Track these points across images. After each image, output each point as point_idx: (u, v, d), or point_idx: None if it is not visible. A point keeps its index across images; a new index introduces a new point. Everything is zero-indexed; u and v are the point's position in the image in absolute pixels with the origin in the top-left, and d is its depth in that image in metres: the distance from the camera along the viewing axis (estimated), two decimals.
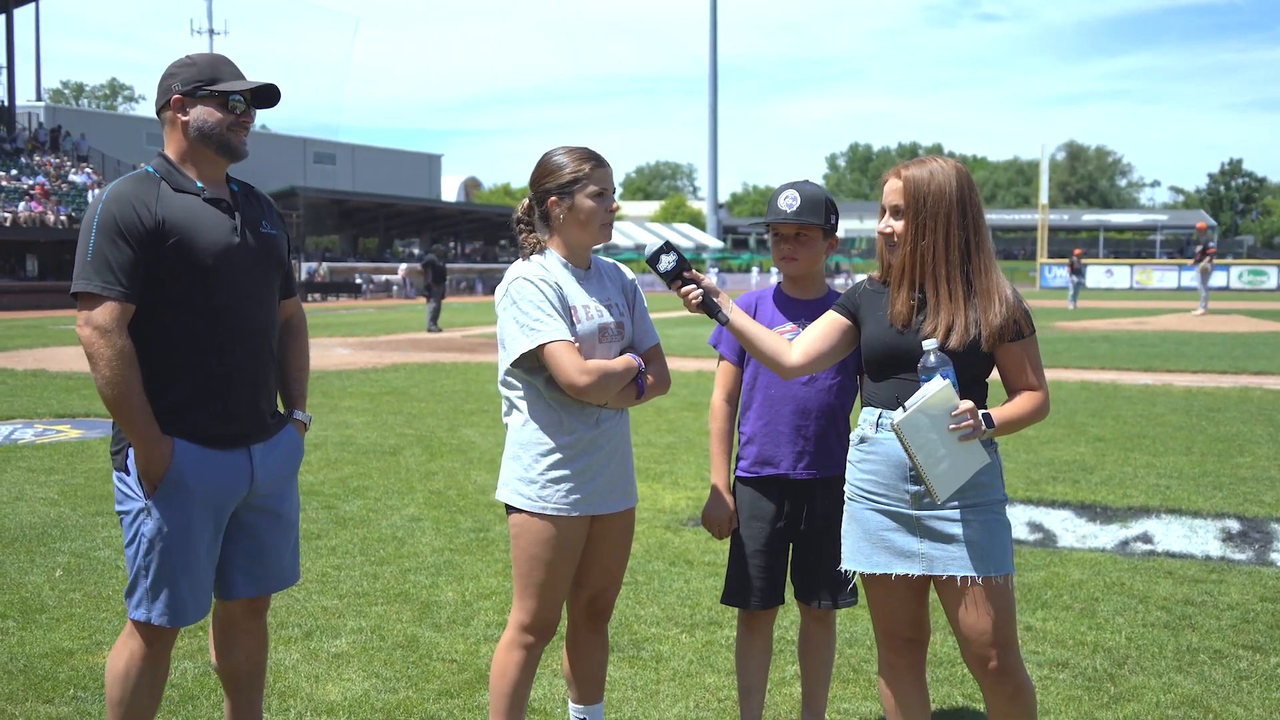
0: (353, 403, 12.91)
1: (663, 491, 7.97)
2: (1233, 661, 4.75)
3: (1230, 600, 5.55)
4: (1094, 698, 4.37)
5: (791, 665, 4.52)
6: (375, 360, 18.74)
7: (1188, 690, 4.44)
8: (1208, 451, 9.66)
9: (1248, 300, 49.78)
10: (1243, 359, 18.59)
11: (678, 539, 6.69)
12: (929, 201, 3.11)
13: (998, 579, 3.08)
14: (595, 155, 3.47)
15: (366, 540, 6.67)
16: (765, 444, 3.73)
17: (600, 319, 3.45)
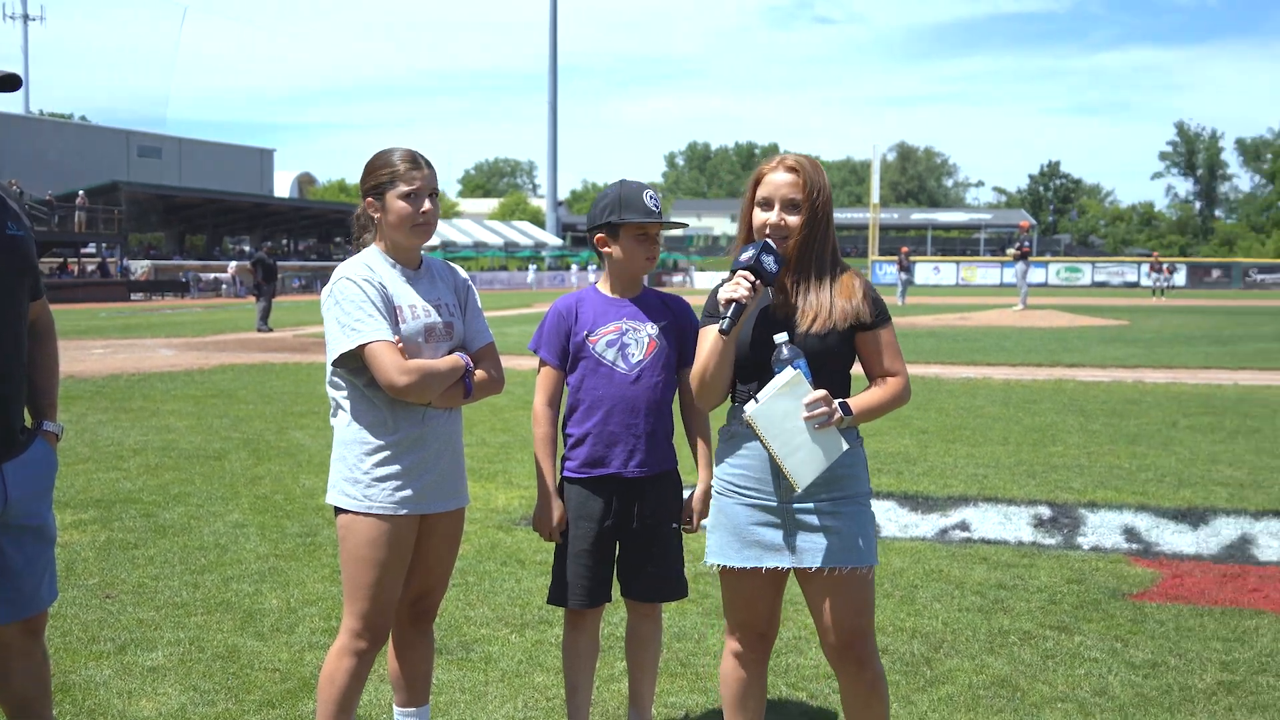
0: (176, 406, 12.48)
1: (496, 491, 7.93)
2: (1040, 641, 4.97)
3: (1039, 583, 5.81)
4: (911, 681, 4.52)
5: (620, 661, 4.55)
6: (201, 361, 18.15)
7: (998, 671, 4.62)
8: (1023, 441, 10.08)
9: (1064, 296, 52.15)
10: (1058, 352, 19.47)
11: (510, 539, 6.67)
12: (819, 194, 3.20)
13: (862, 570, 3.18)
14: (411, 156, 3.43)
15: (187, 548, 6.45)
16: (596, 444, 3.74)
17: (427, 319, 3.42)
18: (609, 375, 3.74)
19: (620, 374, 3.74)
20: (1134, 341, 22.66)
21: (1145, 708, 4.26)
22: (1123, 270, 70.38)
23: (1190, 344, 21.96)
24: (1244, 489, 8.06)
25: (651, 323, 3.79)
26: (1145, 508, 7.47)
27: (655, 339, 3.78)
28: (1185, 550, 6.47)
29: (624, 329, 3.76)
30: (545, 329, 3.82)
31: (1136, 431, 10.68)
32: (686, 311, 3.90)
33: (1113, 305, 41.56)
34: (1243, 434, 10.56)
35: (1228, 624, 5.20)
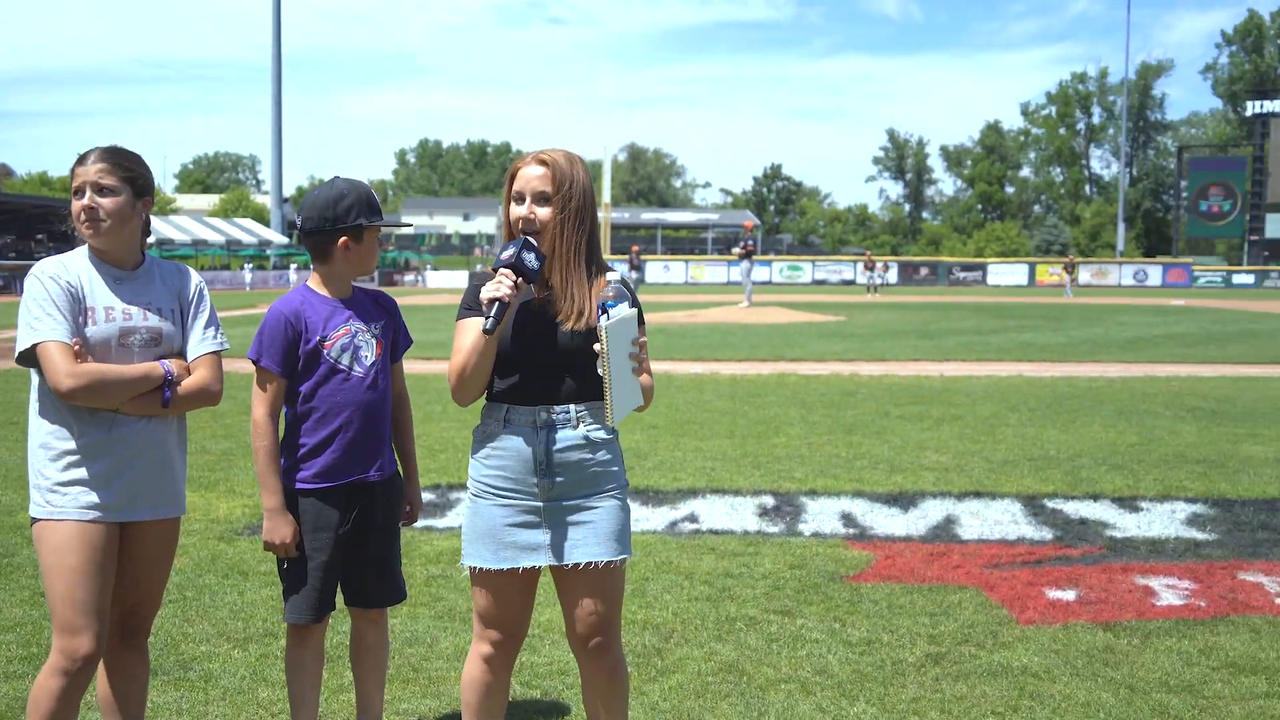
0: None
1: (217, 500, 7.58)
2: (765, 626, 5.16)
3: (764, 570, 6.03)
4: (643, 672, 4.60)
5: (348, 671, 4.43)
6: None
7: (726, 657, 4.77)
8: (749, 434, 10.45)
9: (786, 293, 54.40)
10: (781, 347, 20.29)
11: (232, 550, 6.38)
12: (570, 188, 3.19)
13: (616, 562, 3.21)
14: (83, 154, 3.29)
15: None
16: (336, 453, 3.62)
17: (125, 322, 3.25)
18: (345, 381, 3.63)
19: (356, 378, 3.64)
20: (850, 336, 23.88)
21: (862, 683, 4.49)
22: (840, 269, 74.01)
23: (901, 338, 23.33)
24: (948, 473, 8.62)
25: (374, 323, 3.73)
26: (861, 494, 7.88)
27: (380, 339, 3.72)
28: (896, 532, 6.85)
29: (353, 331, 3.67)
30: (265, 335, 3.65)
31: (853, 421, 11.25)
32: (395, 308, 3.88)
33: (831, 302, 43.65)
34: (947, 421, 11.29)
35: (934, 600, 5.54)
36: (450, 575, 5.91)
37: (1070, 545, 6.54)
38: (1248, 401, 12.97)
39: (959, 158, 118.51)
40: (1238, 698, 4.35)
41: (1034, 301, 46.01)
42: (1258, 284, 68.85)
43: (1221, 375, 16.04)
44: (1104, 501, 7.65)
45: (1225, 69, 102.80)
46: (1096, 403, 12.80)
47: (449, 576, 5.89)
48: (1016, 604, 5.46)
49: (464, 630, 5.08)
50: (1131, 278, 70.05)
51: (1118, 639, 4.98)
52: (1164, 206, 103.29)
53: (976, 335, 24.42)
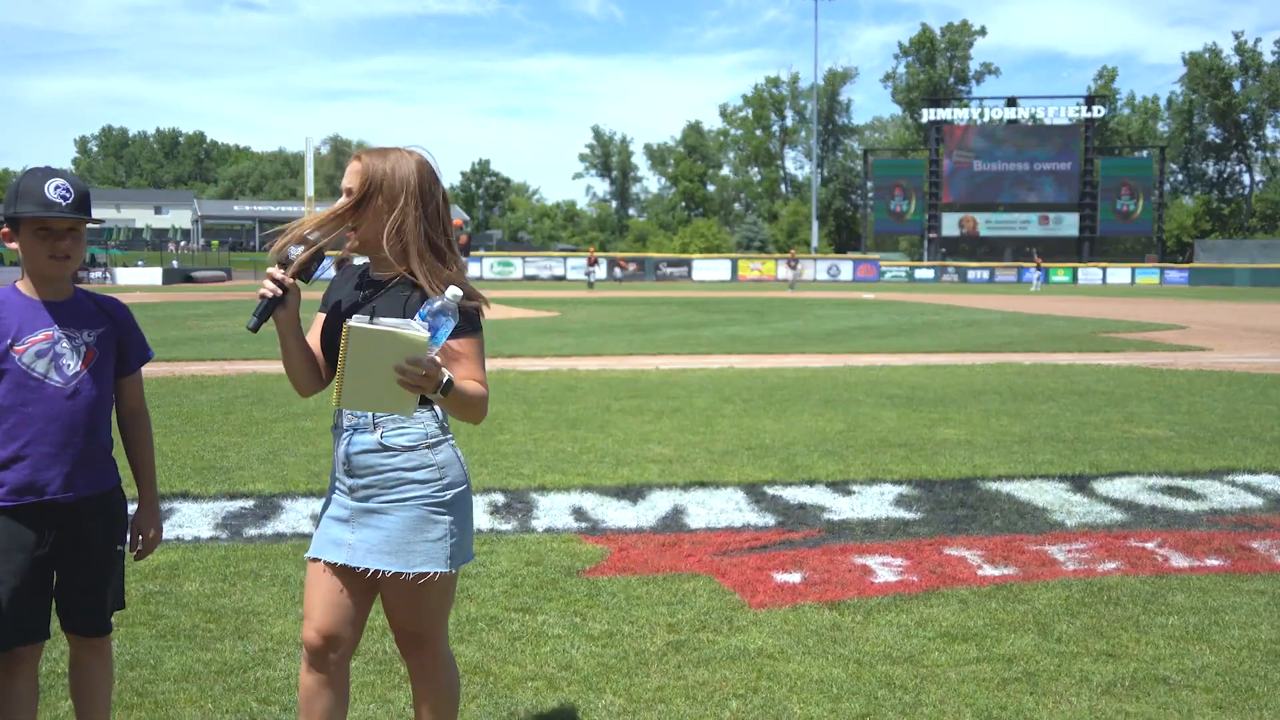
0: None
1: None
2: (507, 625, 5.14)
3: (501, 568, 6.00)
4: (387, 680, 4.49)
5: (64, 701, 4.10)
6: None
7: (470, 658, 4.71)
8: (473, 431, 10.36)
9: (498, 289, 54.37)
10: (497, 344, 20.23)
11: None
12: (372, 182, 3.12)
13: (405, 575, 3.13)
14: None
15: None
16: (26, 469, 3.31)
17: None
18: (40, 390, 3.32)
19: (54, 388, 3.33)
20: (566, 332, 24.12)
21: (607, 675, 4.54)
22: (551, 264, 74.67)
23: (616, 333, 23.77)
24: (672, 464, 8.84)
25: (88, 330, 3.42)
26: (590, 488, 7.96)
27: (93, 348, 3.41)
28: (628, 525, 6.97)
29: (56, 337, 3.36)
30: None
31: (576, 416, 11.37)
32: (127, 317, 3.57)
33: (545, 298, 43.98)
34: (667, 414, 11.58)
35: (670, 589, 5.67)
36: (170, 591, 5.57)
37: (792, 530, 6.84)
38: (938, 388, 13.95)
39: (662, 156, 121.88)
40: (953, 664, 4.67)
41: (738, 296, 47.90)
42: (936, 278, 74.28)
43: (913, 364, 17.19)
44: (819, 486, 8.05)
45: (903, 78, 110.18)
46: (804, 392, 13.45)
47: (168, 593, 5.55)
48: (748, 589, 5.66)
49: (190, 648, 4.81)
50: (825, 273, 74.10)
51: (843, 616, 5.25)
52: (853, 205, 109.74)
53: (687, 329, 25.18)
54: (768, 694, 4.37)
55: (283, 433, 10.26)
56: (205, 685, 4.43)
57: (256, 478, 8.25)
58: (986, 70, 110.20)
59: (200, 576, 5.82)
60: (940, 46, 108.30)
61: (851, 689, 4.42)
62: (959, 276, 74.21)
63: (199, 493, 7.74)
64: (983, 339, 22.43)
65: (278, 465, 8.73)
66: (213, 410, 11.77)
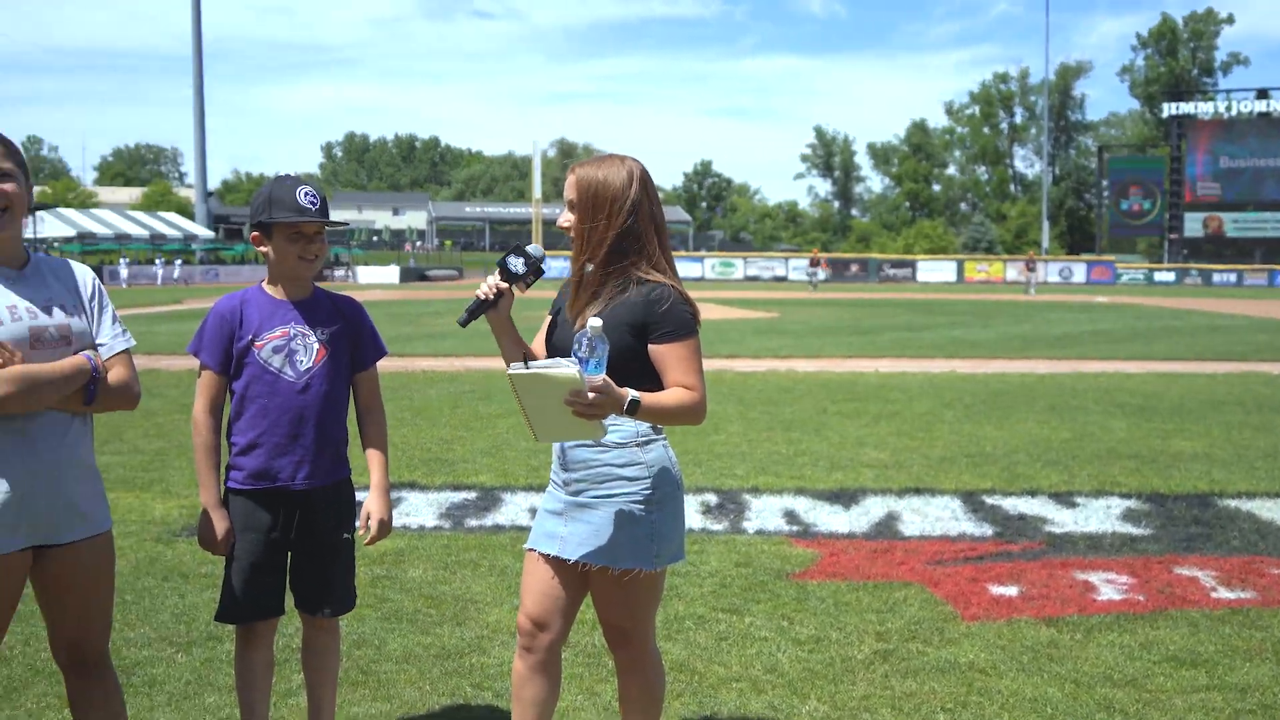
0: None
1: (152, 501, 7.43)
2: (714, 625, 5.17)
3: (710, 568, 6.04)
4: (595, 672, 4.59)
5: (297, 675, 4.36)
6: None
7: (676, 656, 4.77)
8: (688, 431, 10.45)
9: (719, 290, 54.59)
10: (715, 344, 20.33)
11: (171, 552, 6.26)
12: (589, 193, 3.20)
13: (610, 570, 3.20)
14: None
15: None
16: (262, 456, 3.54)
17: (32, 321, 3.00)
18: (275, 383, 3.54)
19: (288, 382, 3.55)
20: (785, 333, 24.03)
21: (812, 680, 4.51)
22: (772, 265, 74.47)
23: (835, 335, 23.53)
24: (888, 469, 8.70)
25: (322, 328, 3.62)
26: (803, 491, 7.92)
27: (325, 345, 3.61)
28: (840, 529, 6.90)
29: (292, 334, 3.57)
30: (206, 331, 3.58)
31: (791, 418, 11.32)
32: (359, 314, 3.76)
33: (765, 299, 43.91)
34: (885, 418, 11.40)
35: (880, 596, 5.59)
36: (395, 576, 5.85)
37: (1010, 541, 6.64)
38: (1174, 397, 13.26)
39: (886, 155, 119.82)
40: (1179, 690, 4.44)
41: (964, 298, 46.68)
42: (1178, 281, 70.44)
43: (1148, 371, 16.38)
44: (1041, 497, 7.78)
45: (1141, 71, 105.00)
46: (1029, 399, 13.01)
47: (394, 577, 5.83)
48: (960, 600, 5.53)
49: (412, 631, 5.03)
50: (1057, 275, 71.32)
51: (1061, 634, 5.06)
52: (1086, 205, 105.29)
53: (909, 332, 24.71)
54: (977, 710, 4.26)
55: (505, 428, 10.60)
56: (424, 667, 4.63)
57: (479, 470, 8.56)
58: (1235, 61, 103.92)
59: (424, 563, 6.08)
60: (1183, 37, 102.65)
61: (1067, 710, 4.26)
62: (1203, 280, 70.15)
63: (426, 483, 8.09)
64: (1226, 346, 21.14)
65: (500, 459, 9.03)
66: (441, 404, 12.26)
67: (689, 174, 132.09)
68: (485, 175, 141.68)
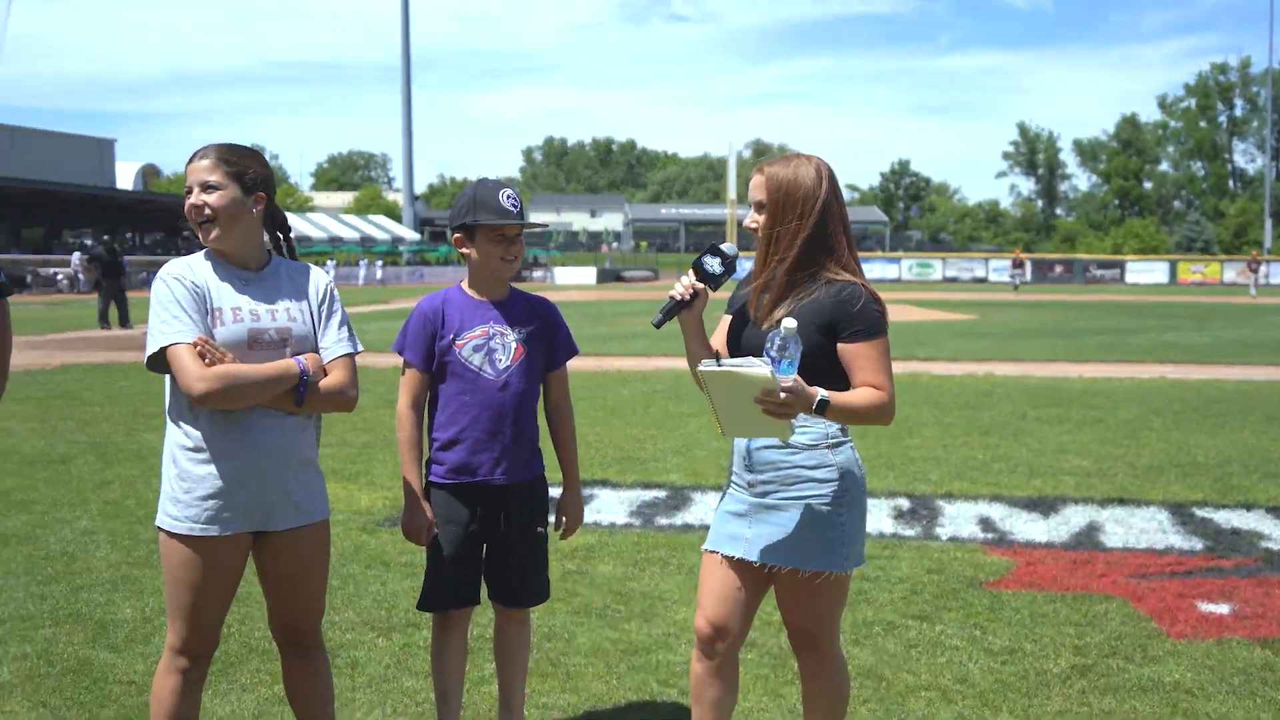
0: (15, 408, 11.91)
1: (359, 492, 7.77)
2: (903, 632, 5.09)
3: (901, 574, 5.94)
4: (780, 675, 4.57)
5: (489, 663, 4.50)
6: (43, 360, 17.40)
7: (863, 661, 4.71)
8: (881, 434, 10.30)
9: (916, 291, 53.58)
10: (912, 346, 19.98)
11: (374, 540, 6.53)
12: (781, 192, 3.20)
13: (801, 572, 3.19)
14: (194, 152, 3.25)
15: (32, 558, 6.16)
16: (462, 451, 3.66)
17: (254, 323, 3.18)
18: (475, 381, 3.66)
19: (487, 380, 3.66)
20: (984, 336, 23.40)
21: (1004, 693, 4.39)
22: (972, 266, 72.62)
23: (1037, 338, 22.79)
24: (1090, 478, 8.39)
25: (519, 327, 3.72)
26: (999, 498, 7.71)
27: (522, 344, 3.71)
28: (1037, 538, 6.69)
29: (491, 333, 3.68)
30: (410, 330, 3.73)
31: (989, 423, 11.03)
32: (554, 315, 3.85)
33: (964, 300, 42.86)
34: (1088, 425, 10.98)
35: (1079, 609, 5.39)
36: (586, 571, 5.96)
37: (1222, 556, 6.31)
38: None
39: (1093, 152, 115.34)
40: None
41: (1176, 300, 44.53)
42: None
43: None
44: (1258, 511, 7.36)
45: None
46: (1246, 407, 12.33)
47: (584, 573, 5.94)
48: (1166, 616, 5.29)
49: (601, 626, 5.12)
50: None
51: (1277, 656, 4.79)
52: None
53: (1116, 335, 23.72)
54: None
55: (696, 427, 10.66)
56: (612, 662, 4.71)
57: (670, 469, 8.63)
58: None
59: (613, 560, 6.18)
60: None
61: None
62: None
63: (617, 481, 8.21)
64: None
65: (690, 458, 9.09)
66: (633, 403, 12.41)
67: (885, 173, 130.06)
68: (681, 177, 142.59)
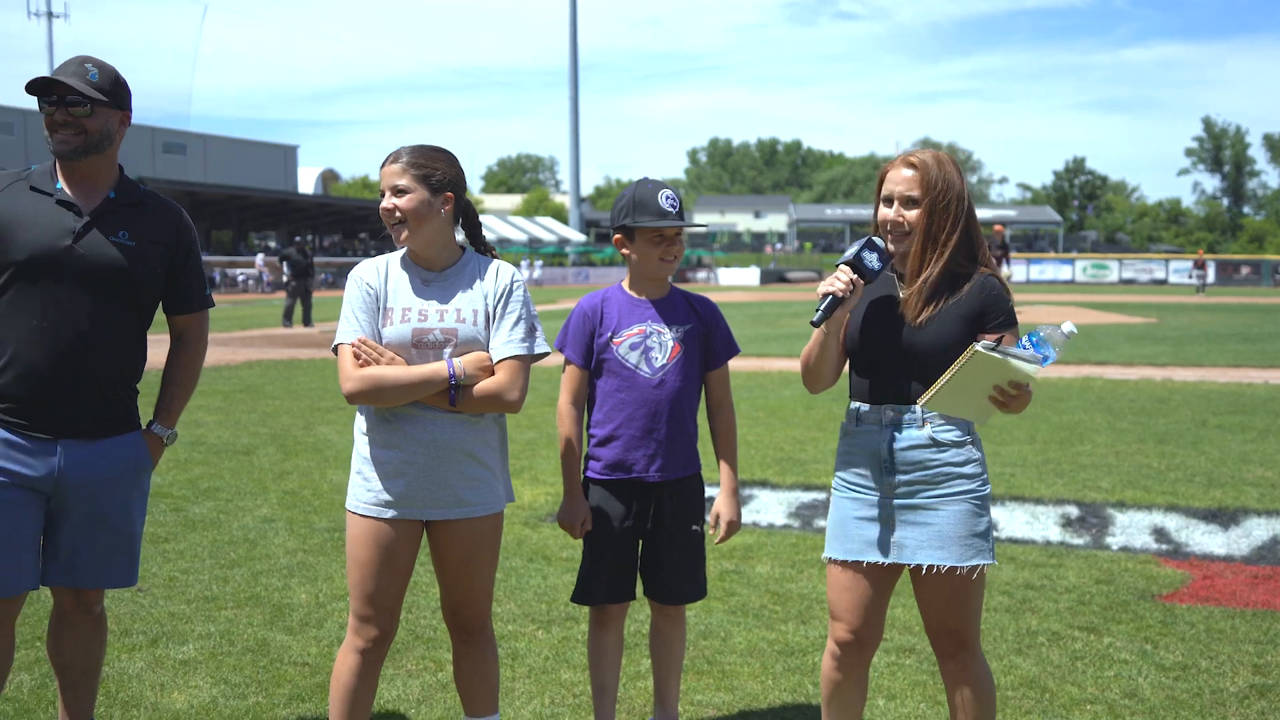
0: (204, 401, 12.55)
1: (522, 488, 7.94)
2: (1069, 643, 4.95)
3: (1068, 584, 5.78)
4: (938, 681, 4.50)
5: (646, 659, 4.55)
6: (228, 357, 18.25)
7: (1026, 671, 4.60)
8: (1050, 440, 10.03)
9: (1091, 293, 51.84)
10: (1085, 350, 19.33)
11: (536, 535, 6.68)
12: (939, 188, 3.19)
13: (958, 569, 3.19)
14: (388, 155, 3.37)
15: (217, 543, 6.49)
16: (618, 448, 3.72)
17: (419, 324, 3.32)
18: (631, 379, 3.71)
19: (643, 378, 3.71)
20: (1162, 339, 22.50)
21: (1176, 710, 4.23)
22: (1151, 267, 69.87)
23: (1219, 342, 21.78)
24: (1275, 489, 8.00)
25: (677, 326, 3.75)
26: (1175, 508, 7.42)
27: (679, 343, 3.74)
28: (1216, 551, 6.42)
29: (648, 332, 3.73)
30: (570, 328, 3.80)
31: (1165, 430, 10.61)
32: (713, 314, 3.87)
33: (1142, 303, 41.25)
34: (1273, 433, 10.47)
35: (1260, 626, 5.16)
36: (743, 571, 5.97)
37: None
38: None
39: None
40: None
41: None
42: None
43: None
44: None
45: None
46: None
47: (742, 573, 5.95)
48: None
49: (757, 626, 5.13)
50: None
51: None
52: None
53: None
54: None
55: None
56: (767, 662, 4.71)
57: (829, 472, 8.56)
58: None
59: (771, 560, 6.17)
60: None
61: None
62: None
63: (776, 482, 8.19)
64: None
65: None
66: (795, 405, 12.35)
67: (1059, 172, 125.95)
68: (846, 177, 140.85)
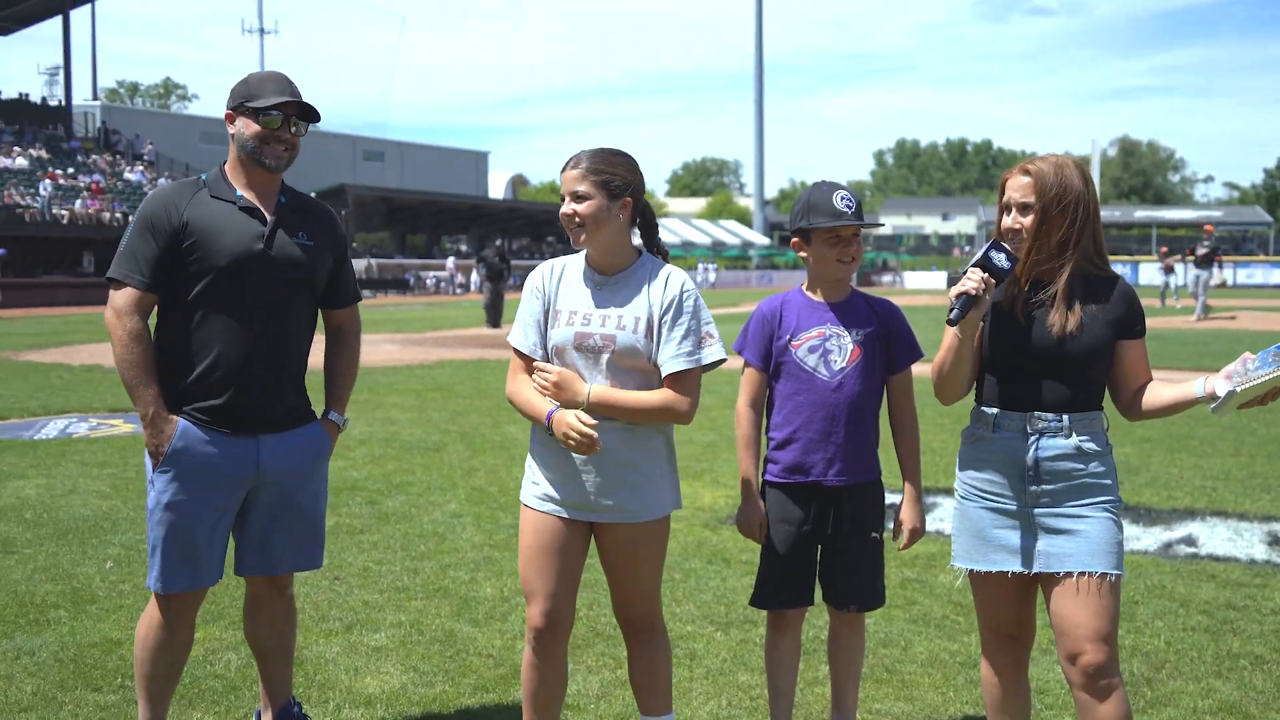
0: (398, 399, 13.03)
1: (702, 489, 7.99)
2: (1274, 668, 4.70)
3: (1274, 605, 5.49)
4: (1132, 701, 4.32)
5: (823, 665, 4.53)
6: (422, 356, 18.89)
7: (1226, 696, 4.40)
8: (1257, 453, 9.53)
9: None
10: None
11: (716, 537, 6.71)
12: (1054, 194, 3.18)
13: (1108, 577, 3.14)
14: (569, 159, 3.43)
15: (408, 535, 6.74)
16: (796, 451, 3.71)
17: (581, 328, 3.38)
18: (810, 381, 3.69)
19: (822, 381, 3.68)
20: None
21: None
22: None
23: None
24: None
25: (856, 329, 3.72)
26: None
27: (859, 345, 3.70)
28: None
29: (827, 334, 3.70)
30: (749, 331, 3.82)
31: None
32: (894, 316, 3.82)
33: None
34: None
35: None
36: (925, 580, 5.87)
37: None
38: None
39: None
40: None
41: None
42: None
43: None
44: None
45: None
46: None
47: (924, 581, 5.85)
48: None
49: (939, 636, 5.04)
50: None
51: None
52: None
53: None
54: None
55: None
56: (949, 673, 4.63)
57: None
58: None
59: (952, 570, 6.03)
60: None
61: None
62: None
63: None
64: None
65: None
66: None
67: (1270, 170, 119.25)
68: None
